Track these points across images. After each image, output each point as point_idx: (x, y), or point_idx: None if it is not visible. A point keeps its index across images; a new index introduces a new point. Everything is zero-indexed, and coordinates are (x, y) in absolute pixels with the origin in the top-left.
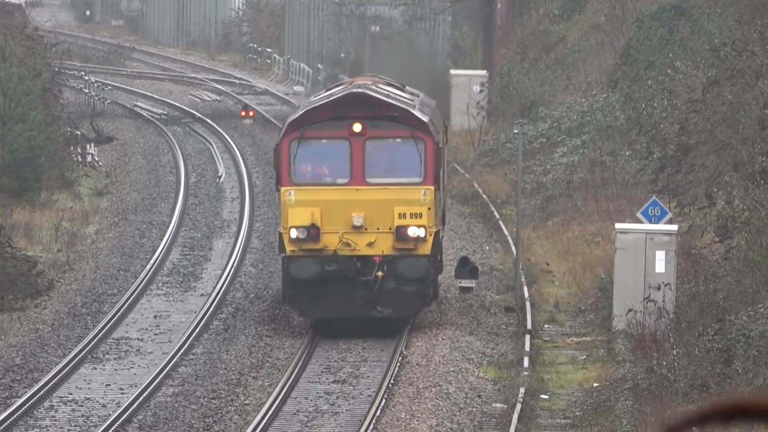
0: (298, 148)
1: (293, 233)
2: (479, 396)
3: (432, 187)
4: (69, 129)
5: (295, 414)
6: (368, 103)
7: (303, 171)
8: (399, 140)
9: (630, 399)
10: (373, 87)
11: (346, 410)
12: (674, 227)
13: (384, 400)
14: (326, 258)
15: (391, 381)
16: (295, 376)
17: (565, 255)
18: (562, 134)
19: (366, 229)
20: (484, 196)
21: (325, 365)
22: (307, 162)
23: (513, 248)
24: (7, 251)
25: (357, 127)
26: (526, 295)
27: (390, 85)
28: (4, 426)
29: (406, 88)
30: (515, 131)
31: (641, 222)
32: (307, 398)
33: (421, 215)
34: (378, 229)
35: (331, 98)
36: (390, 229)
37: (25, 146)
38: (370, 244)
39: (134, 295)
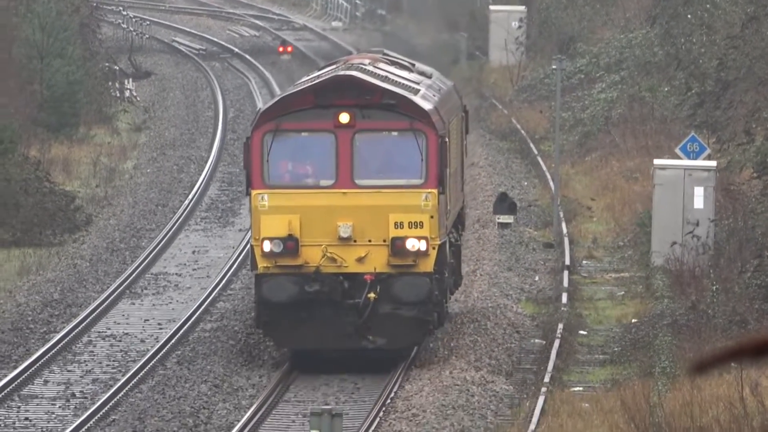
0: (272, 143)
1: (266, 246)
2: (517, 332)
3: (435, 191)
4: (107, 64)
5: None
6: (358, 88)
7: (279, 171)
8: (395, 133)
9: (668, 335)
10: (369, 67)
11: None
12: (713, 163)
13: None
14: (306, 276)
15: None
16: None
17: (603, 191)
18: (601, 70)
19: (355, 241)
20: (522, 132)
21: None
22: (283, 160)
23: (551, 184)
24: (46, 186)
25: (344, 118)
26: (565, 231)
27: (394, 63)
28: (42, 361)
29: (416, 66)
30: (553, 67)
31: (680, 158)
32: None
33: (421, 224)
34: (369, 241)
35: (313, 82)
36: (384, 241)
37: (64, 82)
38: (359, 260)
39: (172, 230)
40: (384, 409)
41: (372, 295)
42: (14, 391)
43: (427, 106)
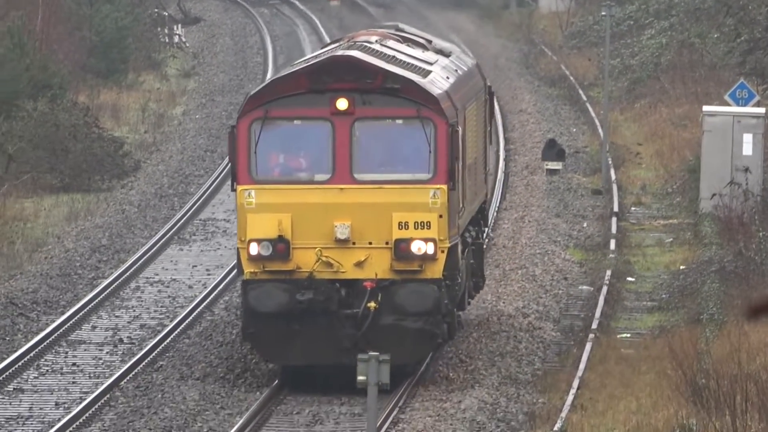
0: (261, 133)
1: (253, 249)
2: (565, 278)
3: (445, 187)
4: (156, 10)
5: None
6: (357, 71)
7: (268, 164)
8: (399, 121)
9: (716, 281)
10: (375, 46)
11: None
12: (762, 110)
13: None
14: (298, 283)
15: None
16: None
17: (652, 138)
18: (650, 16)
19: (354, 243)
20: (571, 78)
21: None
22: (273, 151)
23: (600, 131)
24: (94, 132)
25: (342, 104)
26: (613, 177)
27: (407, 40)
28: (90, 306)
29: (433, 43)
30: (603, 14)
31: (729, 105)
32: None
33: (429, 225)
34: (370, 243)
35: (307, 64)
36: (386, 243)
37: (113, 27)
38: (358, 265)
39: (221, 176)
40: None
41: (372, 304)
42: (62, 337)
43: (436, 90)
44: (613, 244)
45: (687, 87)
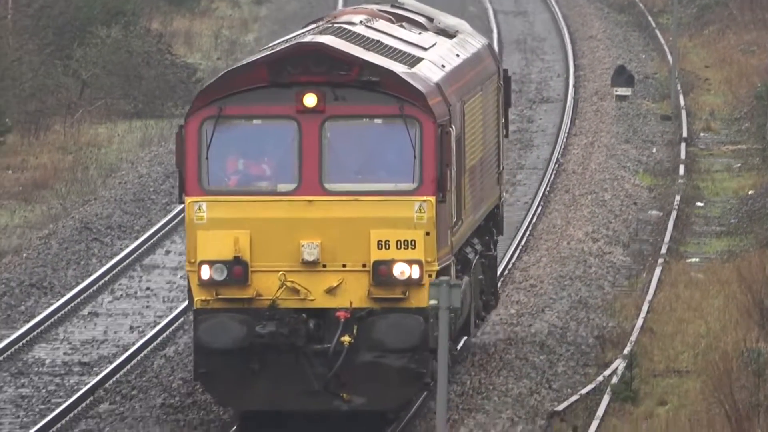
0: (213, 134)
1: (205, 272)
2: (635, 203)
3: (432, 198)
4: None
5: None
6: (329, 61)
7: (222, 171)
8: (379, 121)
9: None
10: (358, 28)
11: (504, 217)
12: None
13: (540, 207)
14: (258, 314)
15: (548, 188)
16: None
17: (720, 64)
18: None
19: (324, 266)
20: (641, 5)
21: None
22: (228, 156)
23: (669, 57)
24: (167, 59)
25: (310, 100)
26: (682, 103)
27: (404, 19)
28: (164, 232)
29: (436, 21)
30: None
31: None
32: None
33: (414, 244)
34: (344, 266)
35: (269, 53)
36: (364, 266)
37: None
38: (330, 291)
39: None
40: None
41: (347, 338)
42: (136, 261)
43: (424, 83)
44: (682, 170)
45: (755, 13)
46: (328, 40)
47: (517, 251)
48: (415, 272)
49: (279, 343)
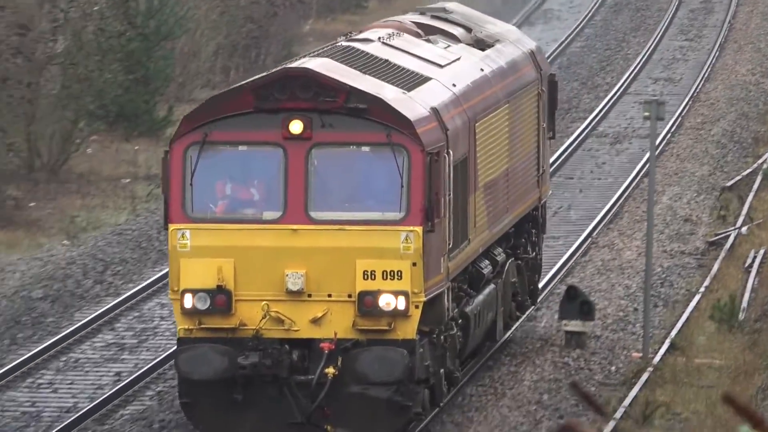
0: (198, 160)
1: (188, 301)
2: None
3: (419, 229)
4: None
5: (660, 60)
6: (315, 87)
7: (206, 198)
8: (366, 149)
9: None
10: (369, 47)
11: (693, 59)
12: None
13: (717, 53)
14: (241, 344)
15: (723, 39)
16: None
17: None
18: None
19: (309, 295)
20: None
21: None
22: (213, 183)
23: None
24: None
25: (296, 127)
26: None
27: (435, 31)
28: None
29: (474, 32)
30: None
31: None
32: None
33: (400, 275)
34: (329, 296)
35: (256, 78)
36: (349, 296)
37: None
38: (315, 321)
39: None
40: None
41: (331, 369)
42: None
43: (414, 110)
44: None
45: None
46: (320, 64)
47: (703, 81)
48: (401, 303)
49: (262, 374)
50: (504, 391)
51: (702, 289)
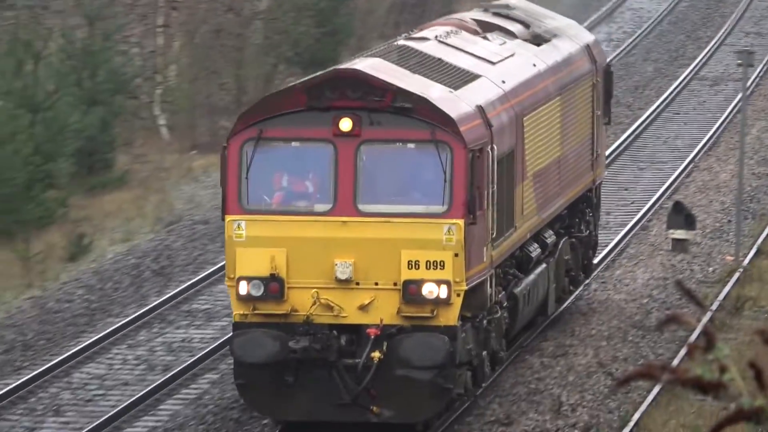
0: (253, 155)
1: (243, 288)
2: None
3: (461, 221)
4: None
5: (751, 17)
6: (364, 87)
7: (261, 191)
8: (411, 145)
9: None
10: (424, 45)
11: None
12: None
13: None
14: (292, 329)
15: None
16: None
17: None
18: None
19: (357, 283)
20: None
21: None
22: (267, 177)
23: None
24: None
25: (345, 125)
26: None
27: (492, 28)
28: None
29: (533, 27)
30: None
31: None
32: None
33: (443, 264)
34: (376, 284)
35: (308, 78)
36: (395, 284)
37: None
38: (362, 308)
39: None
40: None
41: (376, 354)
42: None
43: (458, 108)
44: None
45: None
46: (371, 64)
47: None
48: (443, 292)
49: (312, 357)
50: (621, 287)
51: None
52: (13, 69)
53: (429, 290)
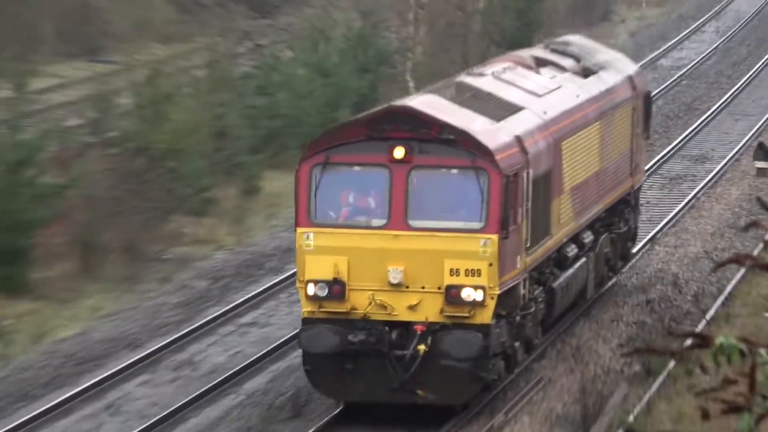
0: (321, 178)
1: (311, 289)
2: None
3: (495, 236)
4: None
5: None
6: (414, 120)
7: (327, 208)
8: (455, 171)
9: None
10: (480, 81)
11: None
12: None
13: None
14: (352, 324)
15: None
16: None
17: None
18: None
19: (407, 287)
20: None
21: None
22: (332, 196)
23: None
24: None
25: (399, 152)
26: None
27: (546, 64)
28: None
29: (584, 61)
30: None
31: None
32: None
33: (479, 272)
34: (423, 288)
35: (366, 113)
36: (439, 288)
37: None
38: (411, 308)
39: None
40: None
41: (422, 347)
42: None
43: (497, 139)
44: None
45: None
46: (424, 100)
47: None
48: (479, 296)
49: (368, 349)
50: (721, 200)
51: None
52: (310, 47)
53: (467, 294)
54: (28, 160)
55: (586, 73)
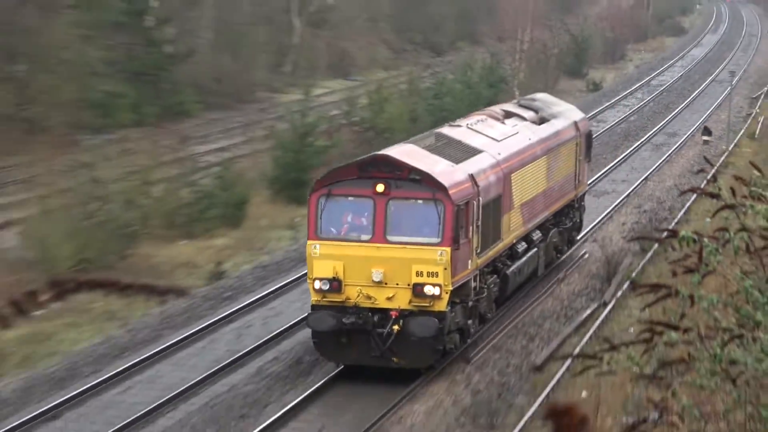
0: (325, 205)
1: (317, 284)
2: None
3: (448, 248)
4: None
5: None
6: (391, 165)
7: (329, 226)
8: (420, 201)
9: None
10: (454, 131)
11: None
12: None
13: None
14: (346, 310)
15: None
16: None
17: None
18: None
19: (385, 284)
20: None
21: None
22: (333, 218)
23: None
24: None
25: (380, 188)
26: None
27: (511, 115)
28: None
29: (541, 113)
30: None
31: None
32: None
33: (437, 274)
34: (397, 284)
35: (357, 159)
36: (408, 285)
37: None
38: (388, 299)
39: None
40: None
41: (396, 327)
42: None
43: (453, 178)
44: None
45: None
46: (402, 150)
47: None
48: (437, 291)
49: (357, 328)
50: (680, 158)
51: None
52: (462, 72)
53: (428, 289)
54: (310, 132)
55: (541, 121)
